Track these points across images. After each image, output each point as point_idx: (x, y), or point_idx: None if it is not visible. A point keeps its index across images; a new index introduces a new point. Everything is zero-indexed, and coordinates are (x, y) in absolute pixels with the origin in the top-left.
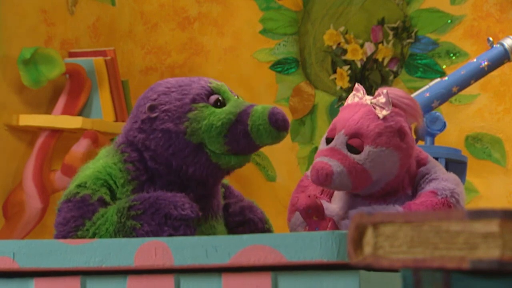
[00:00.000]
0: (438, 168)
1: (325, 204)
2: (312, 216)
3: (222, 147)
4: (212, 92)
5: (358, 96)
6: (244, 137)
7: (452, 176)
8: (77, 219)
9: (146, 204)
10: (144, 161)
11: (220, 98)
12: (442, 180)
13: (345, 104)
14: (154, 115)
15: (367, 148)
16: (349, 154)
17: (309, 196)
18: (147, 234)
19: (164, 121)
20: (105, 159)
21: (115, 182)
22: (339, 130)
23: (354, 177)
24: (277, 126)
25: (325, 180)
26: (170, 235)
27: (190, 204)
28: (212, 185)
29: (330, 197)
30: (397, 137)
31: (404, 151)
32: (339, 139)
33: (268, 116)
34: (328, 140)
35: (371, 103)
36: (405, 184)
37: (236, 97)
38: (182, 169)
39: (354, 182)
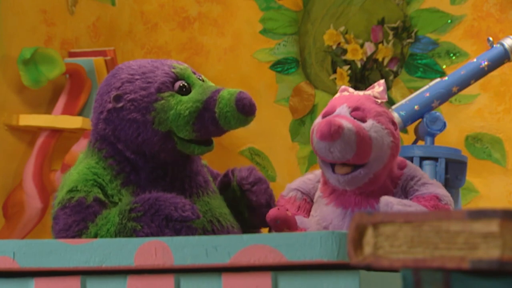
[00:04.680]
0: (423, 173)
1: (302, 219)
2: (283, 228)
3: (190, 134)
4: (176, 78)
5: (345, 94)
6: (212, 124)
7: (440, 184)
8: (79, 222)
9: (146, 206)
10: (122, 152)
11: (185, 83)
12: (437, 186)
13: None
14: (120, 105)
15: (370, 121)
16: (355, 120)
17: (278, 209)
18: (147, 236)
19: (131, 111)
20: (86, 161)
21: (103, 180)
22: (339, 106)
23: (360, 140)
24: (244, 111)
25: (336, 133)
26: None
27: (190, 205)
28: (187, 165)
29: (307, 213)
30: (391, 124)
31: (396, 140)
32: (342, 110)
33: (235, 102)
34: (325, 116)
35: (364, 93)
36: (388, 185)
37: (200, 79)
38: (155, 155)
39: (359, 145)
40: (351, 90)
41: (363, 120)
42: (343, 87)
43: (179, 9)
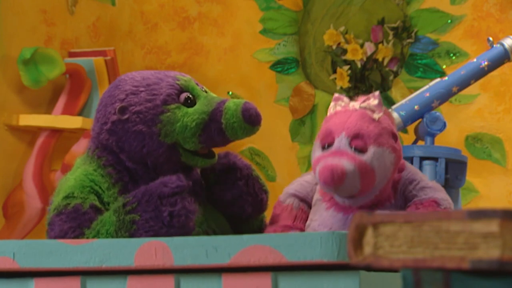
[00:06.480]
0: (422, 175)
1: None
2: None
3: (196, 145)
4: (181, 90)
5: (340, 104)
6: (219, 135)
7: (439, 186)
8: (75, 229)
9: (139, 195)
10: (123, 162)
11: (190, 95)
12: (436, 190)
13: (329, 114)
14: (125, 117)
15: (371, 148)
16: (356, 154)
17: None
18: (148, 222)
19: (136, 123)
20: (83, 167)
21: (100, 187)
22: (337, 134)
23: (363, 177)
24: (250, 121)
25: (340, 179)
26: (171, 213)
27: (176, 176)
28: (186, 174)
29: (304, 223)
30: (392, 138)
31: (398, 152)
32: (342, 142)
33: (241, 112)
34: (325, 147)
35: (360, 107)
36: (389, 193)
37: (203, 90)
38: (157, 166)
39: (363, 183)
40: (345, 99)
41: (363, 149)
42: (336, 95)
43: (179, 9)
